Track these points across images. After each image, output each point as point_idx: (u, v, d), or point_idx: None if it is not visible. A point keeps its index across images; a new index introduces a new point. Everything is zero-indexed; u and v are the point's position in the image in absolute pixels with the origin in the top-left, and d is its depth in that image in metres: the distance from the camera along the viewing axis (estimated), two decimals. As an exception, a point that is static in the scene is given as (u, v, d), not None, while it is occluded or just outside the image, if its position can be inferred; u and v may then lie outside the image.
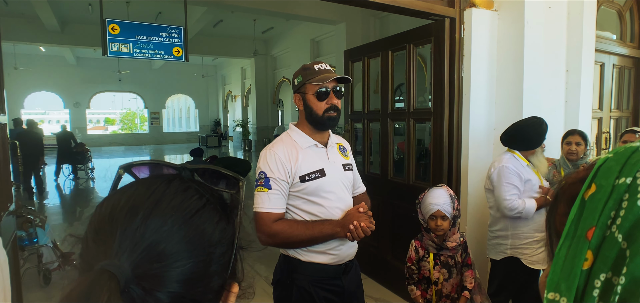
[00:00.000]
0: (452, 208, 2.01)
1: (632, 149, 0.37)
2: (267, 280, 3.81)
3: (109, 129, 34.30)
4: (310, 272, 1.59)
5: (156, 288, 0.40)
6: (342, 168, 1.68)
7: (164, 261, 0.41)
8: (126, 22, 6.04)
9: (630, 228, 0.34)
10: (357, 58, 3.75)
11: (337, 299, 1.64)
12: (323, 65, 1.62)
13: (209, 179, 0.58)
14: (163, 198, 0.45)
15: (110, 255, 0.41)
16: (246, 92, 16.80)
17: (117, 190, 0.49)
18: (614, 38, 3.93)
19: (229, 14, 10.43)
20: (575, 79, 3.05)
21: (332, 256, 1.61)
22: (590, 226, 0.36)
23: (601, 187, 0.37)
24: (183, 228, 0.44)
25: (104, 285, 0.37)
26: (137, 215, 0.43)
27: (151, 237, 0.42)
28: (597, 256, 0.35)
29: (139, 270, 0.40)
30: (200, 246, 0.45)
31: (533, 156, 2.42)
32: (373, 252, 3.60)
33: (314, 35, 10.84)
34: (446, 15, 2.80)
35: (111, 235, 0.42)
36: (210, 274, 0.45)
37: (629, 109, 4.21)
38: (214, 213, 0.48)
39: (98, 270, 0.39)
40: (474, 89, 2.83)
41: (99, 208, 0.46)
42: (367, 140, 3.81)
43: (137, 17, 7.96)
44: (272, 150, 1.58)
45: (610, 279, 0.34)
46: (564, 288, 0.36)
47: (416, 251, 2.11)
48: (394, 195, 3.41)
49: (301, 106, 1.64)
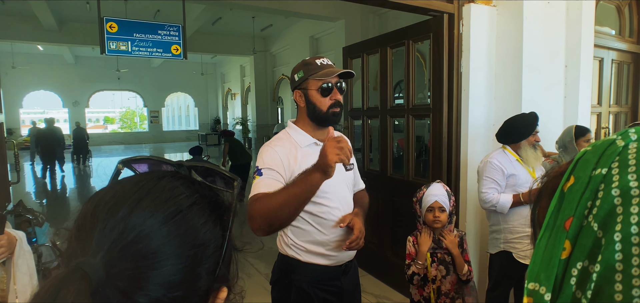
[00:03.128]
0: (449, 202, 2.05)
1: (609, 141, 0.38)
2: (267, 278, 3.81)
3: (108, 128, 34.29)
4: (309, 272, 1.55)
5: (133, 290, 0.38)
6: (343, 168, 1.63)
7: (143, 262, 0.39)
8: (124, 20, 6.02)
9: (605, 216, 0.34)
10: (355, 55, 3.74)
11: (336, 300, 1.61)
12: (325, 60, 1.57)
13: (206, 177, 0.58)
14: (147, 195, 0.43)
15: (86, 253, 0.39)
16: (245, 90, 16.77)
17: (106, 185, 0.47)
18: (613, 33, 3.92)
19: (228, 11, 10.40)
20: (574, 75, 3.05)
21: (331, 258, 1.57)
22: (568, 217, 0.37)
23: (579, 178, 0.38)
24: (165, 227, 0.41)
25: (73, 283, 0.35)
26: (118, 212, 0.41)
27: (130, 235, 0.39)
28: (574, 246, 0.36)
29: (113, 269, 0.38)
30: (184, 246, 0.42)
31: (519, 149, 2.45)
32: (373, 249, 3.60)
33: (313, 32, 10.82)
34: (445, 11, 2.79)
35: (91, 231, 0.40)
36: (195, 277, 0.43)
37: (627, 104, 4.20)
38: (202, 212, 0.46)
39: (71, 267, 0.37)
40: (472, 85, 2.82)
41: (86, 204, 0.44)
42: (367, 137, 3.80)
43: (135, 15, 7.93)
44: (270, 146, 1.54)
45: (587, 267, 0.35)
46: (543, 277, 0.37)
47: (414, 246, 2.12)
48: (393, 192, 3.41)
49: (302, 103, 1.57)
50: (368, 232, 3.98)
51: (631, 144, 0.36)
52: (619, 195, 0.34)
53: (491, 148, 2.92)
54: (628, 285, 0.32)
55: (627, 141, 0.37)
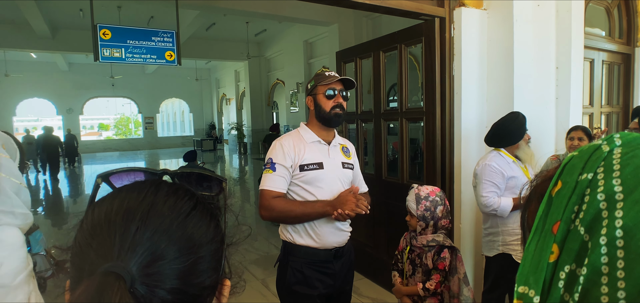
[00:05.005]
0: (418, 207, 2.01)
1: (595, 146, 0.39)
2: (263, 283, 3.81)
3: (103, 134, 34.06)
4: (303, 254, 1.83)
5: (158, 285, 0.43)
6: (341, 166, 1.89)
7: (163, 260, 0.43)
8: (118, 27, 6.01)
9: (591, 221, 0.35)
10: (349, 59, 3.76)
11: (330, 280, 1.86)
12: (333, 73, 1.91)
13: (193, 182, 0.59)
14: (157, 201, 0.47)
15: (111, 258, 0.42)
16: (240, 95, 16.76)
17: (106, 196, 0.49)
18: (603, 34, 3.97)
19: (222, 17, 10.41)
20: (565, 76, 3.08)
21: (318, 242, 1.82)
22: (555, 221, 0.38)
23: (566, 183, 0.38)
24: (180, 228, 0.46)
25: (113, 286, 0.39)
26: (135, 218, 0.45)
27: (151, 238, 0.44)
28: (562, 250, 0.37)
29: (142, 269, 0.42)
30: (196, 244, 0.47)
31: (518, 150, 2.45)
32: (369, 252, 3.61)
33: (307, 36, 10.85)
34: (436, 15, 2.82)
35: (109, 238, 0.43)
36: (205, 270, 0.47)
37: (619, 104, 4.25)
38: (205, 212, 0.50)
39: (103, 272, 0.40)
40: (465, 87, 2.85)
41: (90, 214, 0.47)
42: (361, 140, 3.82)
43: (129, 21, 7.92)
44: (281, 142, 1.84)
45: (574, 271, 0.36)
46: (532, 281, 0.38)
47: (403, 241, 2.19)
48: (388, 195, 3.42)
49: (312, 106, 1.89)
50: (363, 235, 3.96)
51: (616, 150, 0.37)
52: (604, 199, 0.35)
53: (484, 149, 2.95)
54: (613, 287, 0.32)
55: (612, 146, 0.38)
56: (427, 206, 2.01)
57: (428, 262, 2.02)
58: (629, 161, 0.35)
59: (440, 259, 1.99)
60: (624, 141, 0.38)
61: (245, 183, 10.44)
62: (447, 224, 2.04)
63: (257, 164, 12.27)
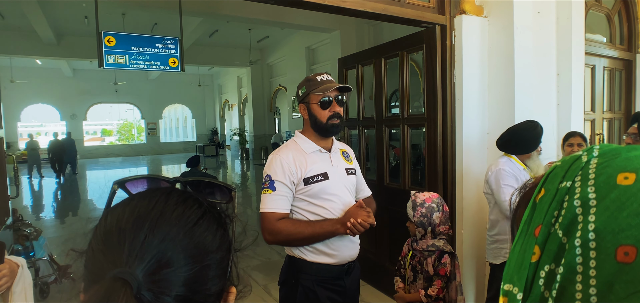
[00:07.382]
0: (414, 213, 2.03)
1: (575, 157, 0.42)
2: (265, 289, 3.81)
3: (106, 140, 34.19)
4: (315, 271, 1.67)
5: (164, 291, 0.44)
6: (345, 172, 1.78)
7: (170, 267, 0.45)
8: (122, 34, 6.06)
9: (568, 224, 0.38)
10: (350, 66, 3.78)
11: (340, 299, 1.72)
12: (325, 76, 1.74)
13: (203, 190, 0.61)
14: (166, 209, 0.49)
15: (120, 264, 0.44)
16: (243, 100, 16.83)
17: (119, 203, 0.51)
18: (604, 41, 3.98)
19: (225, 23, 10.49)
20: (566, 82, 3.09)
21: (334, 256, 1.68)
22: (537, 224, 0.41)
23: (548, 191, 0.42)
24: (187, 237, 0.47)
25: (120, 291, 0.40)
26: (144, 226, 0.46)
27: (159, 246, 0.45)
28: (543, 251, 0.40)
29: (149, 276, 0.43)
30: (202, 252, 0.48)
31: (529, 159, 2.44)
32: (371, 258, 3.61)
33: (309, 43, 10.91)
34: (437, 23, 2.84)
35: (119, 245, 0.45)
36: (211, 278, 0.49)
37: (621, 110, 4.25)
38: (213, 221, 0.52)
39: (111, 277, 0.42)
40: (466, 94, 2.86)
41: (104, 221, 0.49)
42: (363, 147, 3.83)
43: (133, 28, 8.00)
44: (279, 155, 1.68)
45: (553, 270, 0.39)
46: (516, 279, 0.41)
47: (406, 247, 2.19)
48: (390, 201, 3.43)
49: (306, 115, 1.74)
50: (365, 241, 3.97)
51: (593, 160, 0.40)
52: (580, 205, 0.38)
53: (486, 156, 2.95)
54: (586, 284, 0.36)
55: (590, 156, 0.41)
56: (423, 213, 2.01)
57: (428, 268, 2.02)
58: (602, 170, 0.39)
59: (441, 265, 1.99)
60: (601, 151, 0.41)
61: (247, 188, 10.46)
62: (446, 230, 2.03)
63: (259, 169, 12.30)
